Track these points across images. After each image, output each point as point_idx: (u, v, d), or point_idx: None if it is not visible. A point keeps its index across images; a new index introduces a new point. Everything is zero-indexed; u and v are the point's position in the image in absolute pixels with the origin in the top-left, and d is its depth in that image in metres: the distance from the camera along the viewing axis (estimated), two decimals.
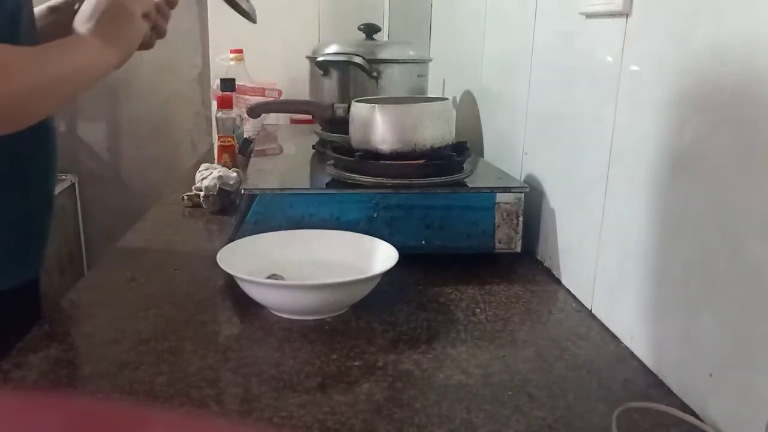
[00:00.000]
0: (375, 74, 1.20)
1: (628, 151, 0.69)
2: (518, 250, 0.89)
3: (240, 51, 1.69)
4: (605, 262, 0.74)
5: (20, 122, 0.65)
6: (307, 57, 1.29)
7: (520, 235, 0.88)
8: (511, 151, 1.03)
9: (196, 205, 1.15)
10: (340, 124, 1.10)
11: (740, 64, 0.52)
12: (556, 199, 0.88)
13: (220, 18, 1.88)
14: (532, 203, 0.91)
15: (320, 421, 0.54)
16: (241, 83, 1.60)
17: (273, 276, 0.76)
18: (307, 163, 1.14)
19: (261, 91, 1.67)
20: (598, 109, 0.74)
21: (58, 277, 2.10)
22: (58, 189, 2.12)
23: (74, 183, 2.25)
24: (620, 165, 0.71)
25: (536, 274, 0.89)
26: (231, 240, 0.82)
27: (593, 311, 0.76)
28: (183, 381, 0.60)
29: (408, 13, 1.77)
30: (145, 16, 0.76)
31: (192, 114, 2.27)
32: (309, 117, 1.41)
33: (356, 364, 0.64)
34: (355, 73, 1.21)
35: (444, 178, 0.90)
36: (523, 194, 0.88)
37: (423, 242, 0.88)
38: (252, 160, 1.11)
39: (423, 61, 1.28)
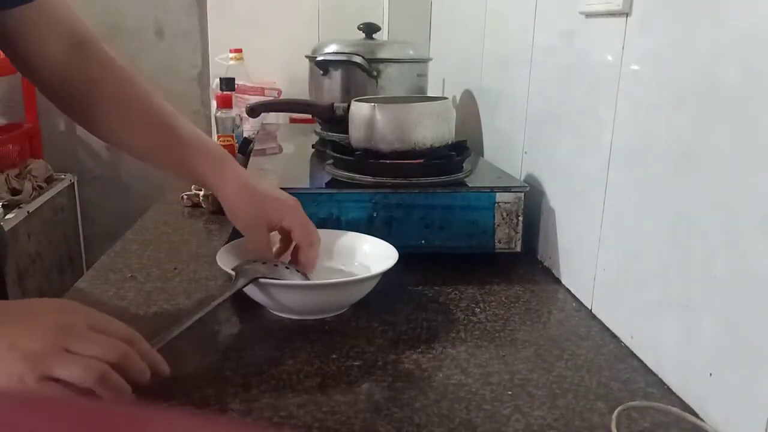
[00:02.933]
0: (375, 73, 1.20)
1: (628, 151, 0.69)
2: (518, 249, 0.89)
3: (239, 50, 1.69)
4: (605, 262, 0.74)
5: None
6: (307, 56, 1.29)
7: (520, 235, 0.88)
8: (511, 150, 1.03)
9: (196, 205, 1.15)
10: (340, 123, 1.10)
11: (740, 63, 0.52)
12: (556, 198, 0.88)
13: (220, 18, 1.88)
14: (532, 203, 0.91)
15: (320, 421, 0.54)
16: (241, 83, 1.60)
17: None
18: (306, 163, 1.14)
19: (260, 91, 1.67)
20: (598, 109, 0.74)
21: (58, 277, 2.09)
22: (58, 188, 2.12)
23: (73, 182, 2.25)
24: (620, 165, 0.70)
25: (536, 274, 0.88)
26: (230, 239, 0.82)
27: (593, 311, 0.76)
28: (183, 381, 0.60)
29: (408, 12, 1.77)
30: None
31: (191, 113, 2.27)
32: (308, 116, 1.41)
33: (356, 363, 0.64)
34: (355, 73, 1.21)
35: (444, 178, 0.90)
36: (523, 194, 0.88)
37: (423, 242, 0.88)
38: (251, 160, 1.11)
39: (423, 61, 1.28)
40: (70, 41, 0.73)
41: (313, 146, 1.20)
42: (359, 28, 1.27)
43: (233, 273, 0.70)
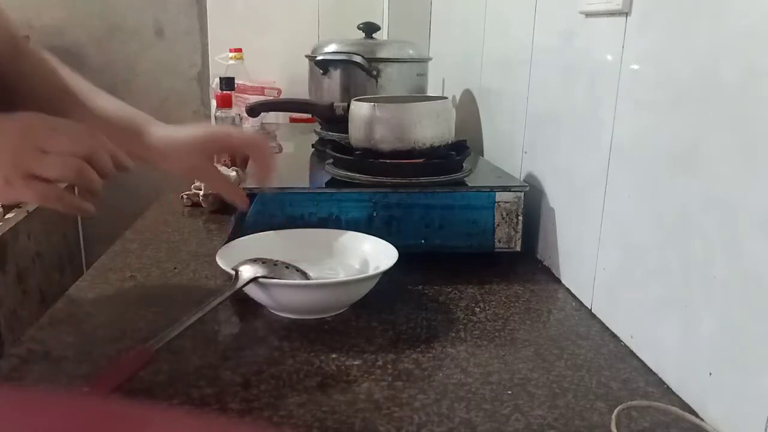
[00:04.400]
0: (374, 73, 1.20)
1: (628, 151, 0.69)
2: (518, 249, 0.89)
3: (239, 50, 1.69)
4: (605, 262, 0.74)
5: None
6: (307, 56, 1.29)
7: (519, 235, 0.88)
8: (511, 150, 1.03)
9: (196, 204, 1.15)
10: (340, 123, 1.10)
11: (740, 63, 0.52)
12: (555, 198, 0.88)
13: (220, 17, 1.88)
14: (532, 202, 0.91)
15: (320, 420, 0.54)
16: (241, 82, 1.60)
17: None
18: (306, 162, 1.14)
19: (260, 90, 1.67)
20: (598, 109, 0.74)
21: (58, 277, 2.09)
22: None
23: None
24: (620, 164, 0.70)
25: (536, 274, 0.89)
26: (230, 239, 0.82)
27: (593, 310, 0.76)
28: (182, 380, 0.60)
29: (408, 12, 1.77)
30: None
31: (191, 113, 2.27)
32: (308, 116, 1.41)
33: (356, 363, 0.64)
34: (355, 72, 1.21)
35: (443, 177, 0.90)
36: (522, 193, 0.88)
37: (423, 241, 0.88)
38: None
39: (422, 60, 1.28)
40: None
41: (312, 146, 1.21)
42: (359, 28, 1.27)
43: (233, 273, 0.70)
